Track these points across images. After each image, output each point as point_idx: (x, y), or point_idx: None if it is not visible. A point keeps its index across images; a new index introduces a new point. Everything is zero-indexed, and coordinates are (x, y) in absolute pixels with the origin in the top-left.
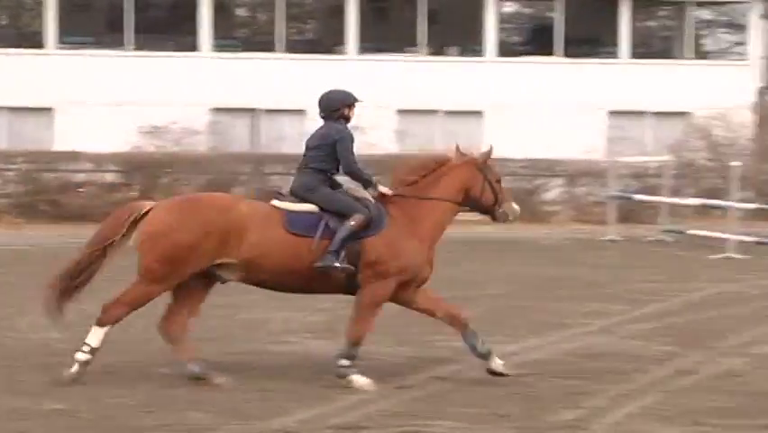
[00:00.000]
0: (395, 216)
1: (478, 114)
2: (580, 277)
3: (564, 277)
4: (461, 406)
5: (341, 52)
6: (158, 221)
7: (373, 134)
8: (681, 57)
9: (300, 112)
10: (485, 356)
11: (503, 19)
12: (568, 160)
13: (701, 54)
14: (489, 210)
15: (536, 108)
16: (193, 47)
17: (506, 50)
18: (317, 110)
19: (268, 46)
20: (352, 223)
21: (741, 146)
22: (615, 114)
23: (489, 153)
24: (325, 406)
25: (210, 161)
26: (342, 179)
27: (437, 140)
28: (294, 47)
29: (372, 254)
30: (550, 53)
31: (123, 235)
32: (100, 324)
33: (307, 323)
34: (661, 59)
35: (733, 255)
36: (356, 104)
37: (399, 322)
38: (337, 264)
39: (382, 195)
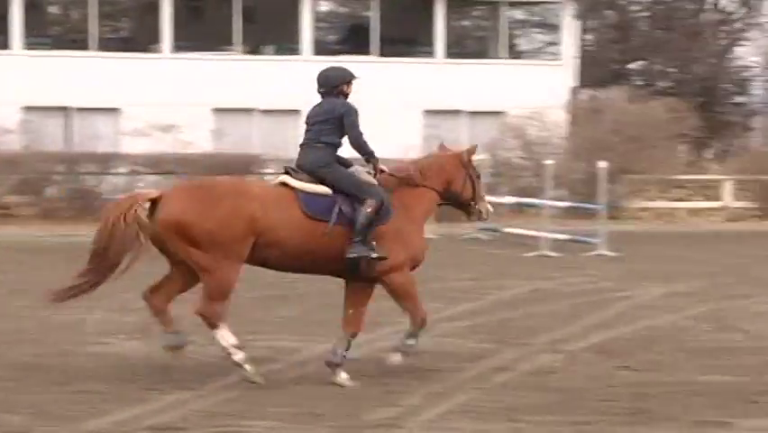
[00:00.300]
0: (395, 204)
1: (295, 112)
2: None
3: None
4: (278, 406)
5: (155, 51)
6: (185, 210)
7: (189, 133)
8: (496, 57)
9: (115, 110)
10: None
11: (319, 18)
12: (385, 158)
13: (515, 54)
14: (466, 206)
15: None
16: (4, 45)
17: (322, 48)
18: (316, 86)
19: (81, 44)
20: (369, 210)
21: (554, 145)
22: (430, 113)
23: (473, 150)
24: (141, 407)
25: (23, 160)
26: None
27: (254, 139)
28: (107, 45)
29: (385, 246)
30: (366, 52)
31: (128, 223)
32: (212, 326)
33: (121, 324)
34: (475, 59)
35: (547, 253)
36: (353, 81)
37: None
38: (374, 255)
39: (381, 172)
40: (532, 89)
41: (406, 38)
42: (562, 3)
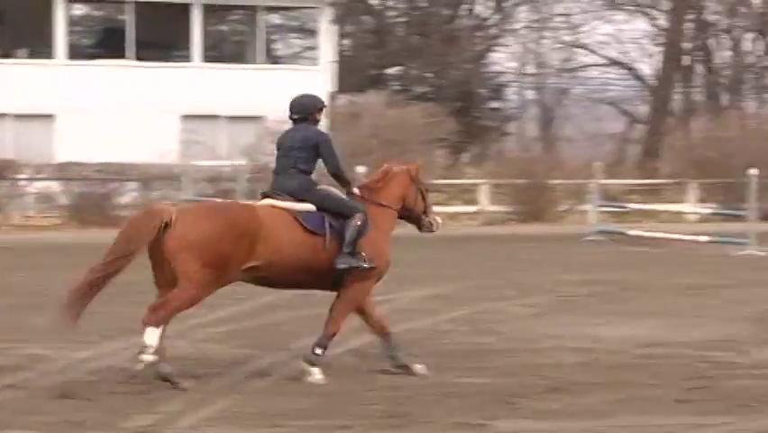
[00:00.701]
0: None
1: (49, 117)
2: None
3: (137, 282)
4: (33, 414)
5: None
6: (196, 230)
7: None
8: (254, 61)
9: None
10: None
11: (73, 21)
12: (142, 164)
13: (273, 59)
14: (418, 219)
15: (110, 112)
16: None
17: (77, 52)
18: (288, 113)
19: None
20: (358, 222)
21: None
22: (188, 118)
23: (421, 165)
24: None
25: None
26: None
27: (6, 143)
28: None
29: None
30: (121, 57)
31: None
32: (152, 324)
33: None
34: (233, 64)
35: None
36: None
37: None
38: (365, 264)
39: (351, 195)
40: (290, 94)
41: (163, 42)
42: (320, 8)
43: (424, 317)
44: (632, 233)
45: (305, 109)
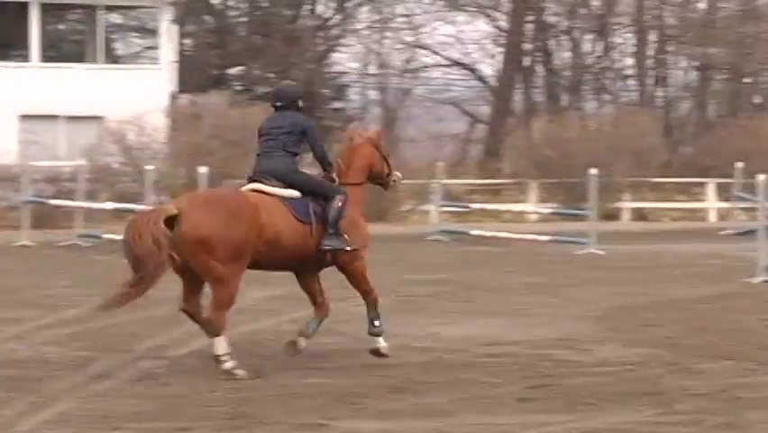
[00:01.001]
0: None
1: None
2: None
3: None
4: None
5: None
6: (207, 225)
7: None
8: (94, 61)
9: None
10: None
11: None
12: None
13: (114, 58)
14: (384, 181)
15: None
16: None
17: None
18: (272, 100)
19: None
20: (339, 204)
21: (155, 150)
22: (26, 117)
23: (382, 132)
24: None
25: None
26: None
27: None
28: None
29: (348, 237)
30: None
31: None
32: (216, 334)
33: None
34: (73, 63)
35: None
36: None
37: None
38: (348, 247)
39: (332, 179)
40: (131, 94)
41: (1, 42)
42: (160, 7)
43: (266, 317)
44: (474, 232)
45: (288, 97)
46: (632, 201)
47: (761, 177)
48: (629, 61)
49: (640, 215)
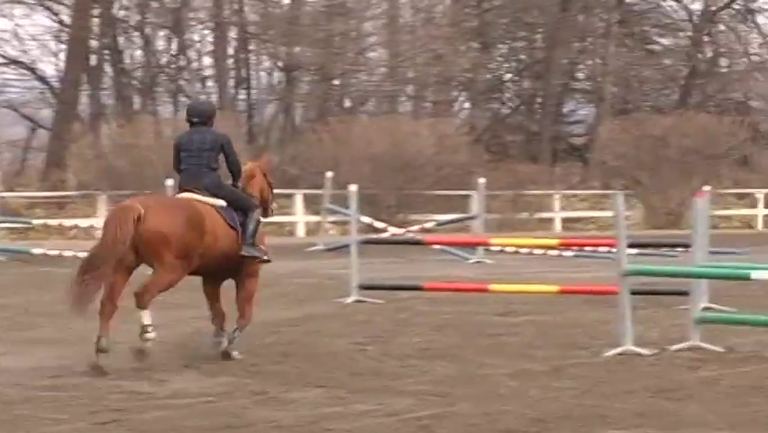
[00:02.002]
0: None
1: None
2: None
3: None
4: None
5: None
6: (167, 223)
7: None
8: None
9: None
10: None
11: None
12: None
13: None
14: (266, 209)
15: None
16: None
17: None
18: (186, 116)
19: None
20: (257, 216)
21: None
22: None
23: (270, 160)
24: None
25: None
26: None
27: None
28: None
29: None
30: None
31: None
32: (142, 307)
33: None
34: None
35: None
36: None
37: None
38: (266, 257)
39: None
40: None
41: None
42: None
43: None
44: (36, 251)
45: (204, 114)
46: None
47: (352, 187)
48: (208, 61)
49: None
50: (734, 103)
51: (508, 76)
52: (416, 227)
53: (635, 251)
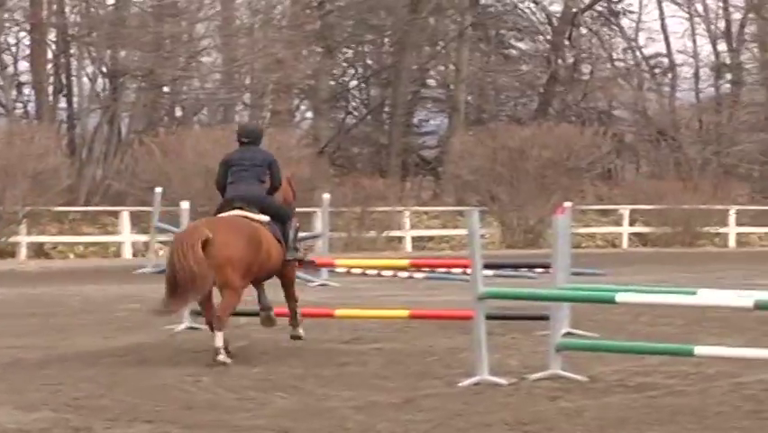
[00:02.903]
0: None
1: None
2: None
3: None
4: None
5: None
6: (234, 247)
7: None
8: None
9: None
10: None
11: None
12: None
13: None
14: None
15: None
16: None
17: None
18: (238, 136)
19: None
20: (295, 225)
21: None
22: None
23: (293, 173)
24: None
25: None
26: None
27: None
28: None
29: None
30: None
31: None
32: (219, 329)
33: None
34: None
35: None
36: None
37: None
38: (308, 258)
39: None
40: None
41: None
42: None
43: None
44: None
45: (254, 134)
46: (30, 235)
47: (184, 204)
48: (24, 66)
49: (40, 251)
50: (596, 112)
51: (354, 83)
52: None
53: (491, 272)
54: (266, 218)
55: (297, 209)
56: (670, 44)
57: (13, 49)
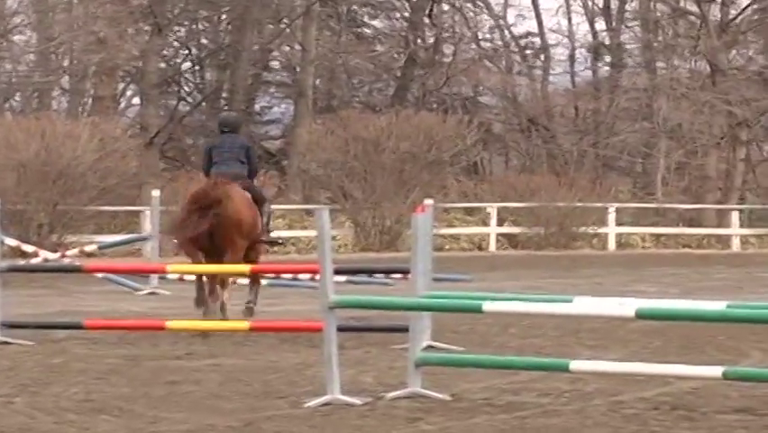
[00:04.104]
0: None
1: None
2: None
3: None
4: None
5: None
6: (243, 212)
7: None
8: None
9: None
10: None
11: None
12: None
13: None
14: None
15: None
16: None
17: None
18: (220, 126)
19: None
20: (269, 209)
21: None
22: None
23: (271, 175)
24: None
25: None
26: None
27: None
28: None
29: None
30: None
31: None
32: (226, 287)
33: None
34: None
35: None
36: None
37: None
38: (281, 240)
39: None
40: None
41: None
42: None
43: None
44: None
45: (234, 124)
46: None
47: None
48: None
49: None
50: (460, 99)
51: (187, 65)
52: (74, 251)
53: (343, 278)
54: (248, 195)
55: (121, 208)
56: (542, 22)
57: None
